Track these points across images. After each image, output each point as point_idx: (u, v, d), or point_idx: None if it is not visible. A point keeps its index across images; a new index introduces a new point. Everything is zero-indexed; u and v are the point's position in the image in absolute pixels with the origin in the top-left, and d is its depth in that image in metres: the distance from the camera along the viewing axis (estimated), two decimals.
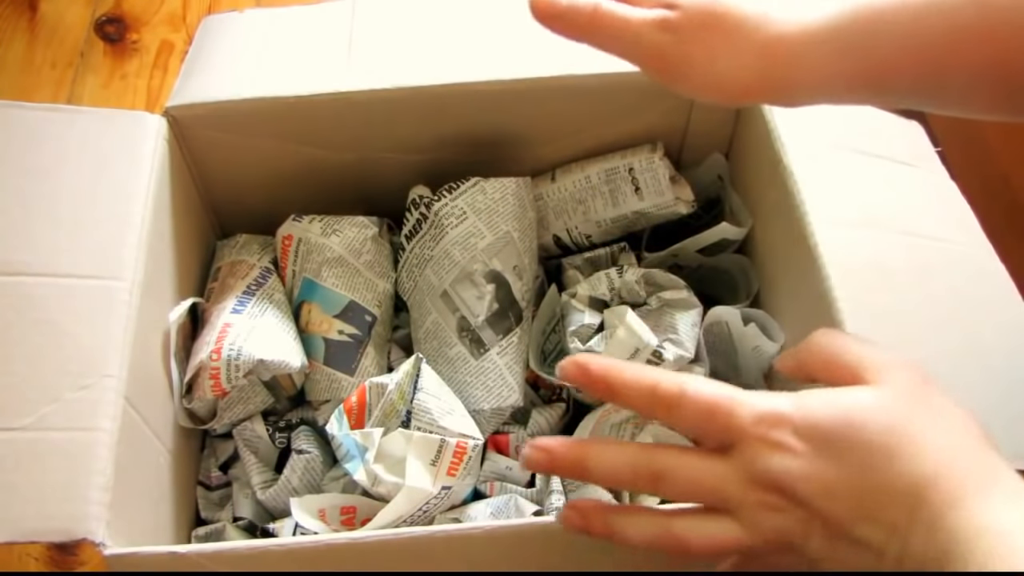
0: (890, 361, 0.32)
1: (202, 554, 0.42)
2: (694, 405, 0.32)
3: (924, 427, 0.30)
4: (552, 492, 0.53)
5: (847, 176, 0.57)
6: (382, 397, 0.54)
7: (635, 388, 0.34)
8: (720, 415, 0.32)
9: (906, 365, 0.32)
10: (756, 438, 0.31)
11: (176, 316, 0.55)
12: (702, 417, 0.32)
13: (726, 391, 0.33)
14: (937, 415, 0.31)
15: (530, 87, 0.59)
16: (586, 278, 0.61)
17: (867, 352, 0.33)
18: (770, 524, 0.31)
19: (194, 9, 1.14)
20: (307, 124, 0.60)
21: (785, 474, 0.30)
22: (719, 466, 0.32)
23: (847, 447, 0.30)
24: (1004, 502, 0.28)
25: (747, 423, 0.31)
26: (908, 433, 0.30)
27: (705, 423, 0.33)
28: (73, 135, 0.55)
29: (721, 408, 0.32)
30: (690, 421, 0.33)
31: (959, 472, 0.29)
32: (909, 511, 0.29)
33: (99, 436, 0.44)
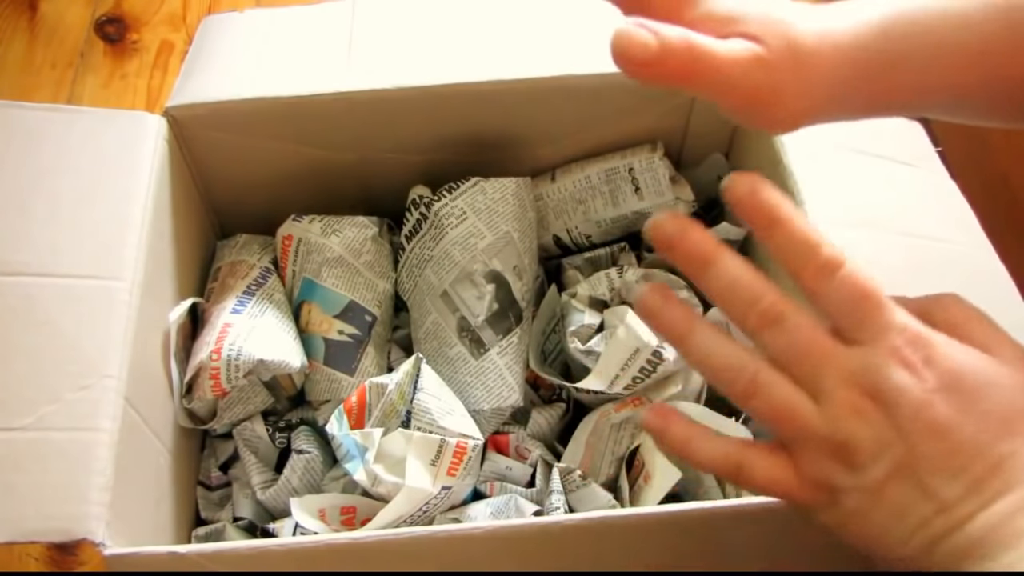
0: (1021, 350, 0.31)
1: (202, 554, 0.42)
2: (850, 282, 0.30)
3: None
4: (552, 492, 0.53)
5: (847, 176, 0.57)
6: (382, 397, 0.54)
7: (800, 236, 0.32)
8: (869, 305, 0.30)
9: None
10: (891, 345, 0.29)
11: (176, 316, 0.55)
12: (850, 297, 0.30)
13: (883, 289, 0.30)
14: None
15: (530, 87, 0.59)
16: (586, 278, 0.61)
17: (1002, 333, 0.32)
18: (851, 429, 0.29)
19: (194, 9, 1.14)
20: (307, 124, 0.60)
21: (898, 390, 0.29)
22: (837, 347, 0.30)
23: (977, 402, 0.29)
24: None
25: (891, 326, 0.30)
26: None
27: (850, 306, 0.30)
28: (73, 135, 0.55)
29: (874, 299, 0.30)
30: (836, 296, 0.31)
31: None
32: (1004, 486, 0.28)
33: (99, 436, 0.44)
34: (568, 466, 0.53)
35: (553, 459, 0.57)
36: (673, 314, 0.33)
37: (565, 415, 0.60)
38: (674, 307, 0.33)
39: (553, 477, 0.53)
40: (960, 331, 0.31)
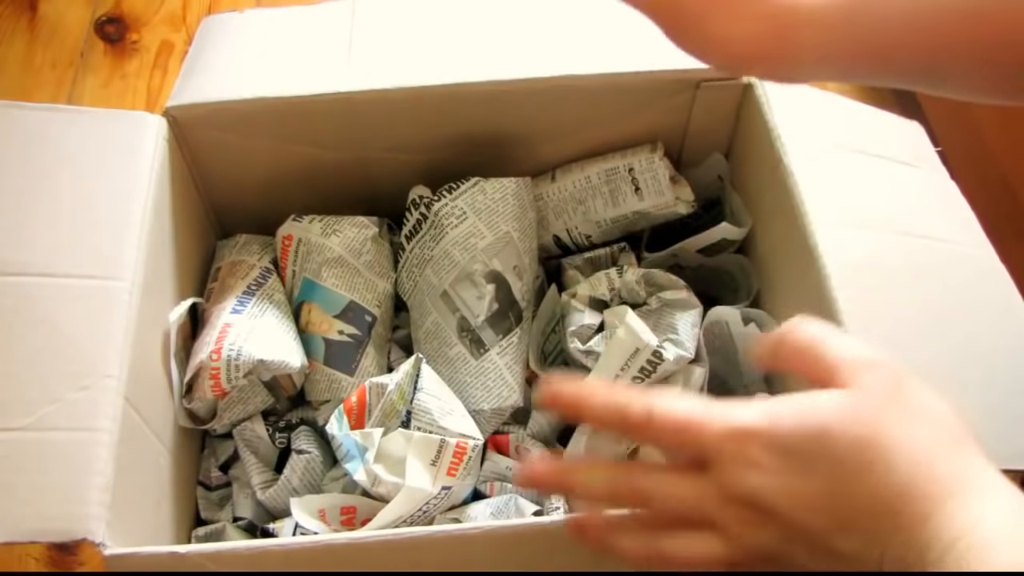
0: (864, 362, 0.31)
1: (202, 554, 0.42)
2: (663, 426, 0.32)
3: (896, 437, 0.29)
4: None
5: (847, 176, 0.57)
6: (382, 397, 0.54)
7: (605, 413, 0.33)
8: (690, 434, 0.32)
9: (880, 366, 0.31)
10: (728, 456, 0.31)
11: (176, 316, 0.55)
12: (673, 438, 0.32)
13: (695, 409, 0.32)
14: (911, 420, 0.30)
15: (530, 87, 0.59)
16: (586, 278, 0.61)
17: (842, 352, 0.32)
18: (752, 539, 0.31)
19: (194, 9, 1.14)
20: (307, 124, 0.60)
21: (759, 490, 0.30)
22: (697, 484, 0.32)
23: (818, 460, 0.29)
24: (978, 505, 0.28)
25: (717, 441, 0.31)
26: (880, 445, 0.29)
27: (677, 443, 0.32)
28: (73, 135, 0.55)
29: (691, 427, 0.32)
30: (663, 442, 0.33)
31: (933, 482, 0.29)
32: (885, 524, 0.29)
33: (99, 436, 0.44)
34: None
35: None
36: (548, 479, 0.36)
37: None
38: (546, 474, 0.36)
39: None
40: (807, 363, 0.32)
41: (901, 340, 0.49)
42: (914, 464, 0.29)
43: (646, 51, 0.60)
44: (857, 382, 0.31)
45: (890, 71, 0.39)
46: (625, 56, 0.59)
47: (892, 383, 0.31)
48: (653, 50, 0.61)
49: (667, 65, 0.59)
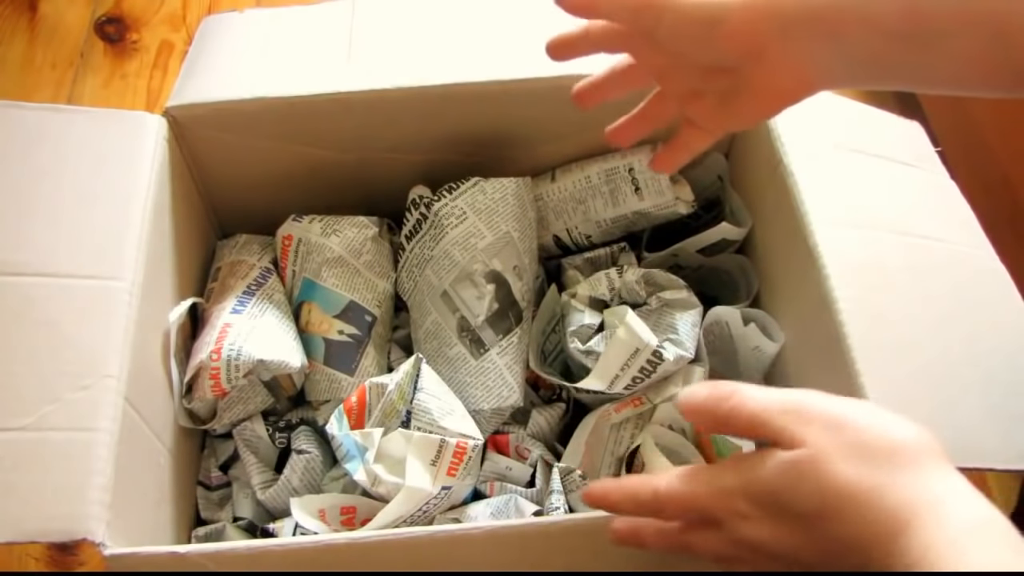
0: (800, 417, 0.33)
1: (202, 554, 0.42)
2: (671, 505, 0.36)
3: (839, 484, 0.32)
4: (552, 492, 0.53)
5: (847, 176, 0.57)
6: (382, 397, 0.54)
7: (626, 504, 0.38)
8: (693, 507, 0.36)
9: (815, 416, 0.33)
10: (726, 514, 0.35)
11: (176, 316, 0.55)
12: (683, 512, 0.37)
13: (687, 484, 0.36)
14: (850, 461, 0.32)
15: (530, 87, 0.59)
16: (586, 278, 0.61)
17: (782, 414, 0.34)
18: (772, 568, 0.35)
19: (194, 9, 1.14)
20: (307, 124, 0.60)
21: (755, 538, 0.34)
22: (718, 537, 0.36)
23: (787, 514, 0.33)
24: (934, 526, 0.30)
25: (713, 506, 0.35)
26: (826, 496, 0.32)
27: (688, 516, 0.37)
28: (73, 135, 0.55)
29: (690, 501, 0.36)
30: (679, 517, 0.37)
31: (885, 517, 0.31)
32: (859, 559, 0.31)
33: (99, 436, 0.44)
34: (568, 466, 0.53)
35: (553, 459, 0.57)
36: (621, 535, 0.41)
37: (565, 415, 0.60)
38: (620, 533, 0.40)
39: (553, 477, 0.53)
40: (756, 431, 0.35)
41: (901, 340, 0.49)
42: (864, 507, 0.31)
43: None
44: (797, 440, 0.33)
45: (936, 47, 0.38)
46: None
47: (829, 429, 0.33)
48: None
49: None
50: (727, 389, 0.35)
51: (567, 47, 0.46)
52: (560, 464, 0.54)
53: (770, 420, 0.34)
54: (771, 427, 0.34)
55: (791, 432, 0.33)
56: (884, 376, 0.47)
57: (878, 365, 0.48)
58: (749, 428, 0.35)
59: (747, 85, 0.41)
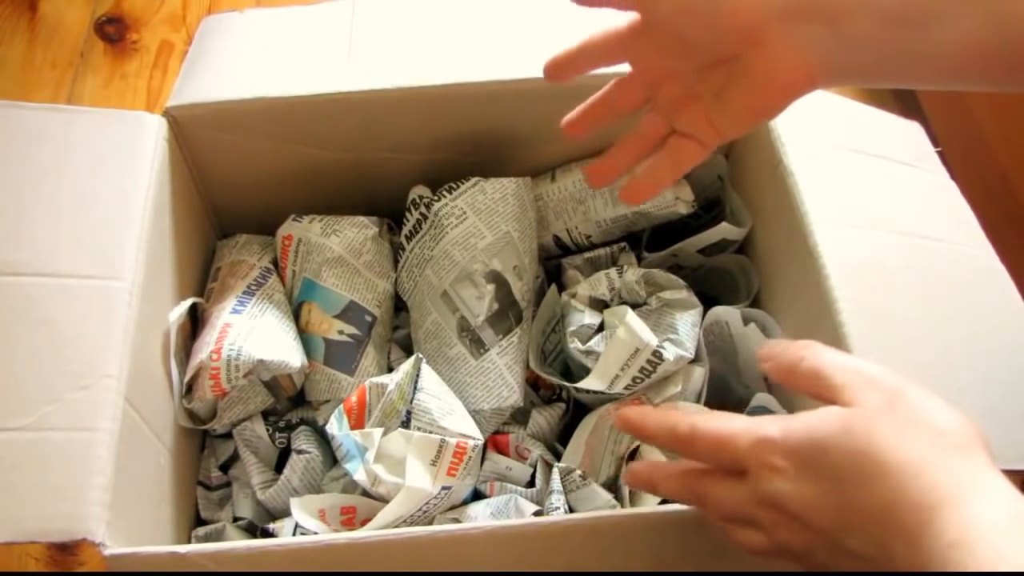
0: (865, 380, 0.35)
1: (202, 554, 0.42)
2: (705, 442, 0.37)
3: (887, 449, 0.31)
4: (552, 492, 0.53)
5: (847, 176, 0.57)
6: (382, 397, 0.54)
7: (658, 432, 0.39)
8: (727, 447, 0.36)
9: (877, 384, 0.34)
10: (757, 463, 0.35)
11: (176, 316, 0.55)
12: (714, 451, 0.37)
13: (727, 424, 0.36)
14: (904, 432, 0.32)
15: (530, 87, 0.59)
16: (586, 278, 0.61)
17: (848, 372, 0.35)
18: (782, 538, 0.34)
19: (194, 9, 1.14)
20: (307, 124, 0.60)
21: (780, 493, 0.34)
22: (739, 491, 0.36)
23: (820, 469, 0.33)
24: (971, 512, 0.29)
25: (747, 451, 0.35)
26: (871, 457, 0.31)
27: (718, 456, 0.37)
28: (73, 135, 0.55)
29: (726, 441, 0.36)
30: (707, 456, 0.37)
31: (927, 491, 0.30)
32: (888, 530, 0.31)
33: (99, 436, 0.44)
34: (568, 466, 0.53)
35: (553, 459, 0.57)
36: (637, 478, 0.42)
37: (565, 415, 0.60)
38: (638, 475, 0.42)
39: (553, 477, 0.53)
40: (819, 386, 0.36)
41: (901, 340, 0.49)
42: (906, 474, 0.31)
43: None
44: (857, 400, 0.34)
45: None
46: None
47: (888, 399, 0.33)
48: None
49: None
50: (803, 345, 0.37)
51: (566, 64, 0.45)
52: (560, 464, 0.54)
53: (834, 375, 0.35)
54: (833, 381, 0.35)
55: (852, 390, 0.34)
56: None
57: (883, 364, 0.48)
58: (814, 381, 0.36)
59: (745, 75, 0.41)
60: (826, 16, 0.38)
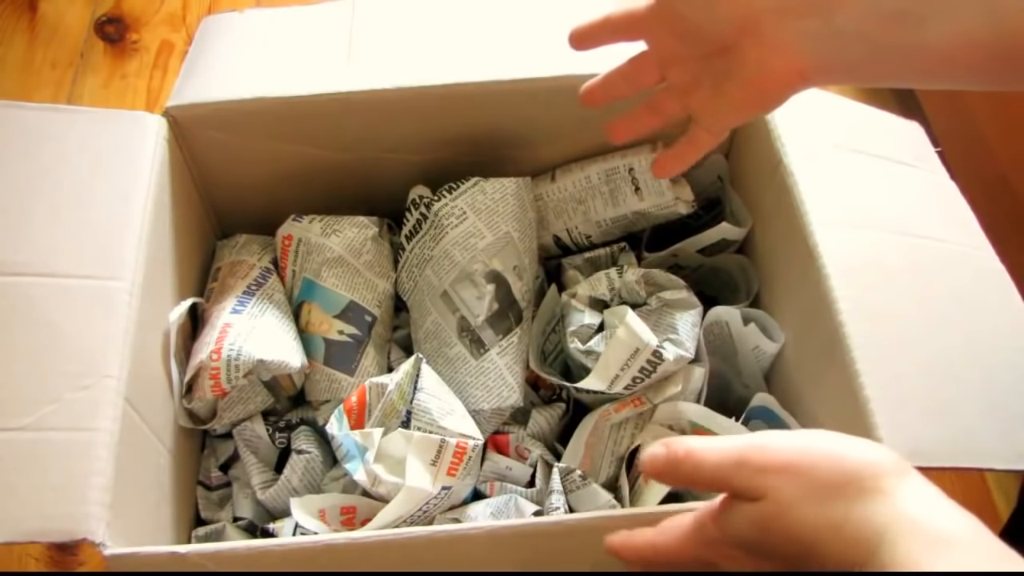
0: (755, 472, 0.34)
1: (202, 554, 0.42)
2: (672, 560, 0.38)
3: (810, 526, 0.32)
4: (552, 492, 0.53)
5: (847, 176, 0.57)
6: (382, 397, 0.54)
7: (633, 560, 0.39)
8: (690, 559, 0.37)
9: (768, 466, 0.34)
10: (719, 558, 0.36)
11: (176, 316, 0.55)
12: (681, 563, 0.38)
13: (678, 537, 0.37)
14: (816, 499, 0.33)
15: (530, 87, 0.59)
16: (586, 278, 0.61)
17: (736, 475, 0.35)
18: None
19: (194, 9, 1.14)
20: (307, 124, 0.60)
21: (750, 571, 0.35)
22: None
23: (767, 554, 0.34)
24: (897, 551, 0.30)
25: (707, 555, 0.36)
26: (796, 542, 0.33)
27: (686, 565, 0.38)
28: (73, 135, 0.55)
29: (686, 553, 0.37)
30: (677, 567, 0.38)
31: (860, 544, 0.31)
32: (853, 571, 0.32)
33: (99, 436, 0.44)
34: (568, 466, 0.53)
35: (553, 459, 0.57)
36: None
37: (565, 415, 0.60)
38: None
39: (553, 477, 0.53)
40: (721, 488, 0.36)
41: (901, 340, 0.49)
42: (833, 545, 0.32)
43: None
44: (761, 492, 0.34)
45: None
46: (625, 56, 0.59)
47: (786, 477, 0.33)
48: None
49: None
50: (680, 449, 0.36)
51: (588, 35, 0.47)
52: (560, 464, 0.54)
53: (728, 478, 0.35)
54: (732, 485, 0.35)
55: (752, 487, 0.34)
56: (884, 376, 0.47)
57: (878, 365, 0.48)
58: (713, 486, 0.36)
59: (741, 67, 0.41)
60: (821, 11, 0.38)
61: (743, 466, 0.34)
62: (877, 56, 0.39)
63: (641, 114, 0.49)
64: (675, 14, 0.42)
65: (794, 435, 0.35)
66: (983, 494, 0.80)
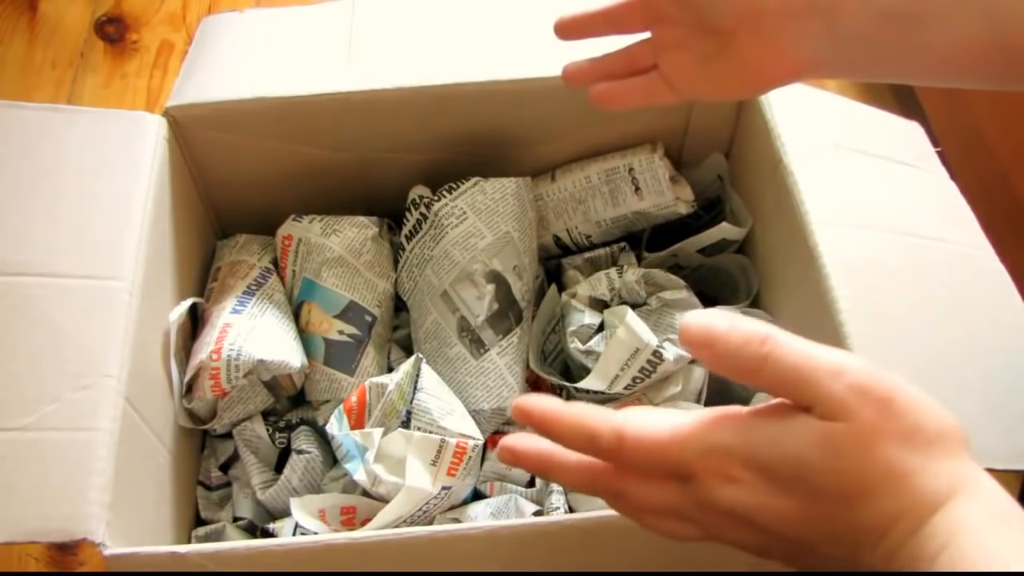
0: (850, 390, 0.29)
1: (202, 554, 0.42)
2: (636, 451, 0.32)
3: (879, 468, 0.29)
4: (552, 492, 0.53)
5: (847, 176, 0.57)
6: (382, 397, 0.54)
7: (572, 436, 0.33)
8: (667, 457, 0.31)
9: (866, 392, 0.29)
10: (707, 473, 0.30)
11: (176, 316, 0.55)
12: (649, 460, 0.32)
13: (666, 428, 0.31)
14: (897, 444, 0.29)
15: (530, 87, 0.59)
16: (586, 278, 0.61)
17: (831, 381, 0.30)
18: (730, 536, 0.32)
19: (194, 9, 1.14)
20: (307, 124, 0.60)
21: (739, 504, 0.30)
22: (669, 492, 0.32)
23: (799, 485, 0.29)
24: (964, 513, 0.28)
25: (693, 460, 0.31)
26: (864, 477, 0.29)
27: (653, 465, 0.32)
28: (73, 135, 0.55)
29: (664, 450, 0.31)
30: (639, 465, 0.32)
31: (919, 502, 0.29)
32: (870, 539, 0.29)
33: (99, 436, 0.44)
34: None
35: None
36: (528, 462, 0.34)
37: None
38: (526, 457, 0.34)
39: None
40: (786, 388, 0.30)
41: (901, 340, 0.49)
42: (899, 490, 0.29)
43: None
44: (843, 414, 0.29)
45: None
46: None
47: (877, 410, 0.29)
48: None
49: None
50: (760, 330, 0.30)
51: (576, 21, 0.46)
52: None
53: (816, 382, 0.29)
54: (815, 390, 0.29)
55: (839, 401, 0.29)
56: None
57: (878, 365, 0.48)
58: (784, 383, 0.30)
59: (735, 54, 0.41)
60: (823, 13, 0.38)
61: (841, 375, 0.29)
62: (877, 57, 0.39)
63: (616, 64, 0.47)
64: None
65: (884, 372, 0.30)
66: None
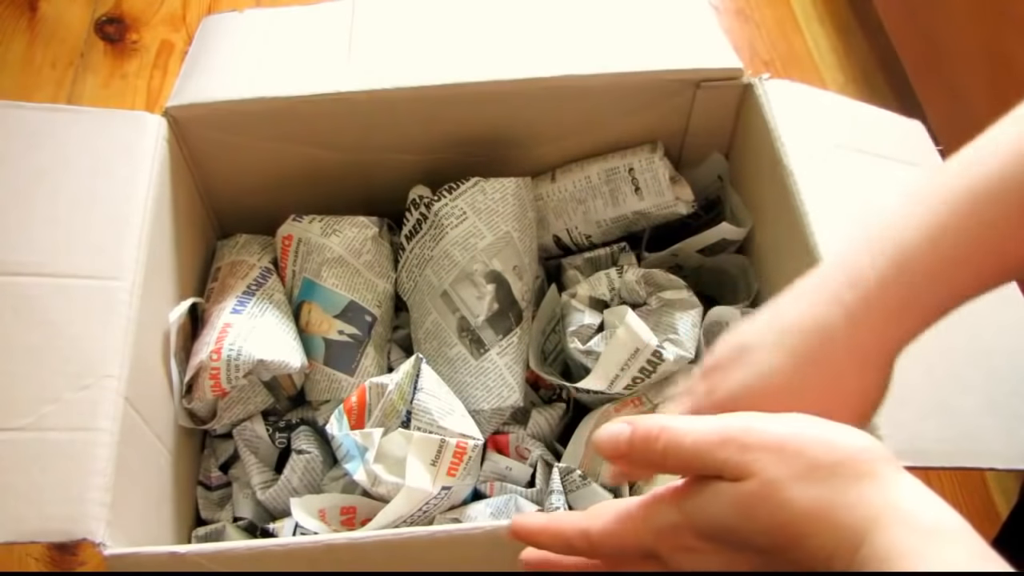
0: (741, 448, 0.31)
1: (202, 554, 0.42)
2: (606, 546, 0.35)
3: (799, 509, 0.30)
4: (552, 492, 0.53)
5: (847, 176, 0.57)
6: (382, 397, 0.54)
7: (556, 547, 0.36)
8: (630, 544, 0.34)
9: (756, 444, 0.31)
10: (668, 549, 0.33)
11: (176, 316, 0.55)
12: (620, 549, 0.35)
13: (619, 520, 0.34)
14: (806, 481, 0.30)
15: (530, 87, 0.59)
16: (586, 278, 0.61)
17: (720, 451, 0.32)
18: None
19: (194, 9, 1.14)
20: (307, 124, 0.60)
21: (708, 567, 0.32)
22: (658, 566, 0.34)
23: (740, 543, 0.31)
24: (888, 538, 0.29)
25: (654, 544, 0.33)
26: (781, 528, 0.30)
27: (626, 552, 0.35)
28: (73, 135, 0.55)
29: (626, 539, 0.34)
30: (617, 553, 0.35)
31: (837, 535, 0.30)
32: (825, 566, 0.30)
33: (99, 436, 0.44)
34: (568, 466, 0.53)
35: (553, 459, 0.57)
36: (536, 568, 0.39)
37: (565, 415, 0.60)
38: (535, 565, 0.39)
39: (553, 477, 0.53)
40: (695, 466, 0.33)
41: None
42: (820, 530, 0.30)
43: (646, 51, 0.60)
44: (744, 472, 0.31)
45: None
46: (625, 56, 0.59)
47: (774, 455, 0.31)
48: (653, 50, 0.61)
49: (667, 65, 0.59)
50: (653, 426, 0.33)
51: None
52: (560, 464, 0.54)
53: (710, 455, 0.31)
54: (713, 462, 0.32)
55: (735, 464, 0.31)
56: None
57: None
58: (688, 467, 0.32)
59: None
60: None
61: (728, 443, 0.31)
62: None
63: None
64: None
65: (780, 417, 0.32)
66: (983, 494, 0.80)
